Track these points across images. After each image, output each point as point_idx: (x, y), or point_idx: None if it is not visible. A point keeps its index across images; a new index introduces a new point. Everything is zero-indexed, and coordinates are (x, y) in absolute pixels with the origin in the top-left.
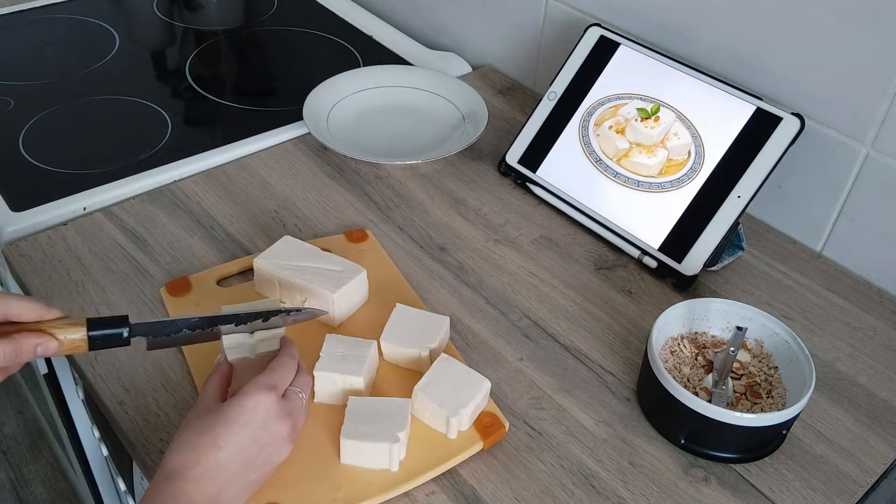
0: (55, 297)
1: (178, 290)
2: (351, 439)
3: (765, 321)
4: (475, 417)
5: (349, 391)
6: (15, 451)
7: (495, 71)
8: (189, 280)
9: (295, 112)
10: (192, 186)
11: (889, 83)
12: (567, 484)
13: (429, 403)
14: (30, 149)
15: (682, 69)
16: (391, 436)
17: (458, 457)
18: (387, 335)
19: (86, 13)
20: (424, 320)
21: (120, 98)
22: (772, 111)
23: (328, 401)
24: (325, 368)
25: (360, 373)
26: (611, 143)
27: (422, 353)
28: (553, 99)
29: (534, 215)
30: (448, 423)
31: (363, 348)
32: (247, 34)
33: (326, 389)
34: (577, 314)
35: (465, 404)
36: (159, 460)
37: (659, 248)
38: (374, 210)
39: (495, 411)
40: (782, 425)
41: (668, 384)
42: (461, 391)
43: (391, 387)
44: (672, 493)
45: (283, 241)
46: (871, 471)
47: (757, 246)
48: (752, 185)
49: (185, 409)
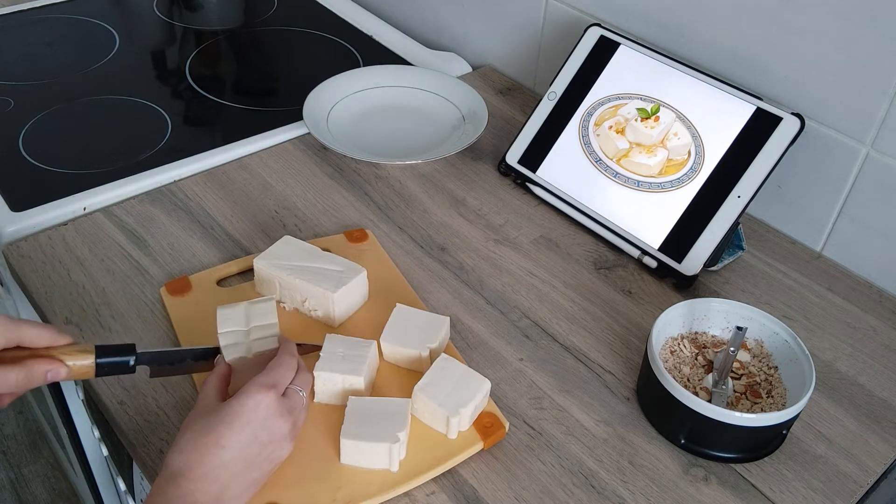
0: (55, 297)
1: (178, 290)
2: (351, 439)
3: (765, 321)
4: (475, 418)
5: (349, 391)
6: (15, 451)
7: (495, 71)
8: (189, 280)
9: (295, 112)
10: (192, 186)
11: (889, 83)
12: (567, 484)
13: (429, 403)
14: (30, 149)
15: (682, 69)
16: (391, 436)
17: (458, 457)
18: (387, 335)
19: (86, 13)
20: (424, 320)
21: (120, 98)
22: (772, 111)
23: (328, 401)
24: (326, 368)
25: (361, 373)
26: (611, 143)
27: (422, 353)
28: (553, 99)
29: (534, 215)
30: (448, 424)
31: (363, 348)
32: (247, 34)
33: (326, 389)
34: (577, 314)
35: (465, 404)
36: (159, 460)
37: (659, 248)
38: (374, 210)
39: (495, 411)
40: (782, 425)
41: (668, 384)
42: (461, 391)
43: (391, 387)
44: (672, 493)
45: (283, 241)
46: (871, 471)
47: (757, 246)
48: (752, 185)
49: (186, 410)
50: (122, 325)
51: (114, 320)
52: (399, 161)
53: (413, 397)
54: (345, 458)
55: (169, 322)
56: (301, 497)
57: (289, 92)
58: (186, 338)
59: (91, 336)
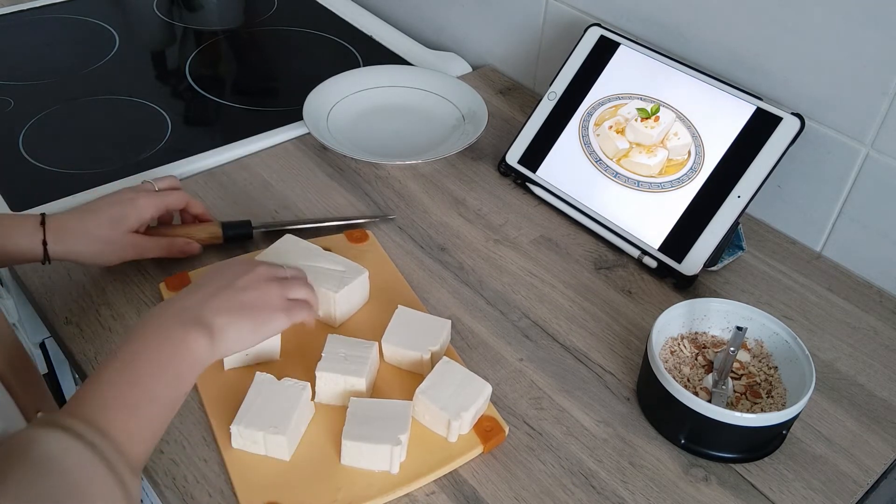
0: (55, 297)
1: (177, 285)
2: (353, 441)
3: (765, 321)
4: (475, 421)
5: (350, 392)
6: None
7: (495, 71)
8: (189, 276)
9: (295, 112)
10: (192, 186)
11: (889, 83)
12: (567, 484)
13: (431, 406)
14: (30, 149)
15: (682, 69)
16: (393, 438)
17: (458, 460)
18: (388, 337)
19: (86, 13)
20: (426, 323)
21: (120, 98)
22: (772, 111)
23: (329, 401)
24: (327, 369)
25: (363, 374)
26: (611, 143)
27: (423, 355)
28: (553, 99)
29: (534, 215)
30: (449, 427)
31: (365, 349)
32: (247, 34)
33: (328, 390)
34: (577, 314)
35: (466, 408)
36: (159, 460)
37: (659, 248)
38: (374, 210)
39: (495, 415)
40: (782, 425)
41: (668, 384)
42: (463, 395)
43: (391, 388)
44: (672, 493)
45: (284, 239)
46: (871, 471)
47: (757, 246)
48: (752, 185)
49: (188, 412)
50: (123, 326)
51: (114, 320)
52: (399, 161)
53: (415, 400)
54: (345, 459)
55: None
56: (301, 497)
57: (289, 92)
58: None
59: (91, 336)
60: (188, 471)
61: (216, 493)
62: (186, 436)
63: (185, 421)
